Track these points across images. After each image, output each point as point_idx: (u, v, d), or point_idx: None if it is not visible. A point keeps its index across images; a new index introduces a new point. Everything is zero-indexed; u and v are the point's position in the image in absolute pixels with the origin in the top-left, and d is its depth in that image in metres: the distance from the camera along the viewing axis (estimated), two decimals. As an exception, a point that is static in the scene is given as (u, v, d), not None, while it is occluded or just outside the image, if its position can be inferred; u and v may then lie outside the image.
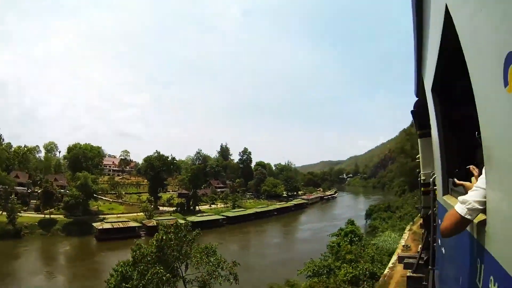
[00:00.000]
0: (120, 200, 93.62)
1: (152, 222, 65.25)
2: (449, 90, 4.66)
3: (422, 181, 10.02)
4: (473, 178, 2.89)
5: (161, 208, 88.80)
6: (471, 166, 2.92)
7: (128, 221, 69.41)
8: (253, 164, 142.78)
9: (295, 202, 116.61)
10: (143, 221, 69.96)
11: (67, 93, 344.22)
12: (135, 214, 78.28)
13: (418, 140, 10.61)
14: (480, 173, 2.57)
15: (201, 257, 24.99)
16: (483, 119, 2.09)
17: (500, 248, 1.88)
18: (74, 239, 62.43)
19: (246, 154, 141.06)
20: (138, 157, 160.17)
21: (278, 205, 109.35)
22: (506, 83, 1.46)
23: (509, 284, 1.63)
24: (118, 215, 77.00)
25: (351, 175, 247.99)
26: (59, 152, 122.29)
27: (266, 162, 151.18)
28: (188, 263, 25.54)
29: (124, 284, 21.39)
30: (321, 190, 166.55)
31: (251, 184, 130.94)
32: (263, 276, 39.47)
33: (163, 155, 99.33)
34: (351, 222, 43.52)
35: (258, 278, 39.53)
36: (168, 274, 22.35)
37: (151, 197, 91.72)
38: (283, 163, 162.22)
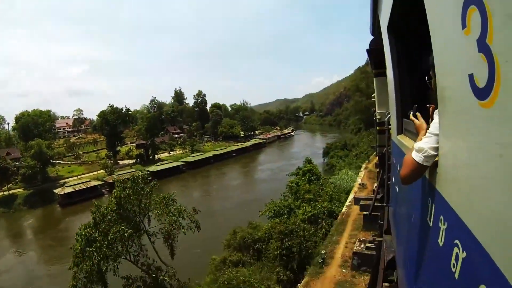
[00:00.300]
0: (79, 161, 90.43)
1: (113, 178, 63.25)
2: (405, 29, 4.57)
3: (377, 120, 10.15)
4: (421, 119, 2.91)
5: (121, 162, 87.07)
6: (432, 106, 2.83)
7: (90, 181, 67.44)
8: (208, 106, 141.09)
9: (253, 142, 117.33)
10: (105, 179, 68.28)
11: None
12: (96, 172, 76.30)
13: (374, 79, 10.70)
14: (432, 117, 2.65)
15: (161, 208, 24.90)
16: (438, 60, 2.10)
17: (450, 190, 1.99)
18: (38, 211, 60.38)
19: (201, 97, 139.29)
20: (93, 114, 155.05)
21: (236, 146, 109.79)
22: (464, 25, 1.46)
23: (457, 223, 1.73)
24: (79, 177, 74.57)
25: (307, 113, 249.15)
26: (8, 124, 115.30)
27: (221, 103, 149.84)
28: (150, 216, 25.54)
29: (88, 248, 20.69)
30: (278, 129, 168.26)
31: (208, 127, 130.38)
32: (227, 220, 40.15)
33: (117, 108, 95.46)
34: (308, 161, 44.34)
35: (222, 222, 40.36)
36: (130, 230, 22.02)
37: (109, 153, 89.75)
38: (238, 103, 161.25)
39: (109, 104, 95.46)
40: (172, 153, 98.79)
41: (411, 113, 3.13)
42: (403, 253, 4.43)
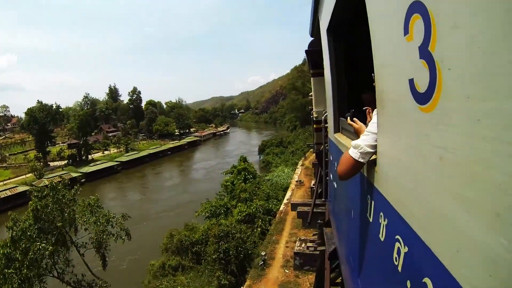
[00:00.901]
0: (4, 164, 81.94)
1: (43, 182, 57.14)
2: (345, 31, 4.72)
3: (314, 118, 10.37)
4: (357, 121, 3.01)
5: (52, 163, 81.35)
6: (368, 108, 2.98)
7: (17, 186, 61.57)
8: (143, 104, 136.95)
9: (188, 140, 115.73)
10: (34, 183, 60.27)
11: None
12: (24, 176, 69.60)
13: (311, 78, 10.98)
14: (371, 118, 2.71)
15: (86, 217, 22.69)
16: (378, 63, 2.13)
17: (388, 188, 2.06)
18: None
19: (135, 94, 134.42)
20: (22, 111, 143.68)
21: (171, 144, 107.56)
22: (406, 32, 1.50)
23: (397, 219, 1.82)
24: (5, 182, 67.29)
25: (242, 110, 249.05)
26: None
27: (156, 100, 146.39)
28: (77, 226, 22.95)
29: (6, 270, 18.07)
30: (213, 126, 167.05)
31: (143, 125, 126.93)
32: (164, 222, 38.66)
33: (46, 105, 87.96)
34: (243, 159, 43.64)
35: (159, 225, 38.73)
36: (51, 248, 19.63)
37: (39, 154, 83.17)
38: (174, 101, 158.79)
39: (38, 101, 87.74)
40: (106, 152, 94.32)
41: (349, 117, 3.16)
42: (344, 247, 4.57)
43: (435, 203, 1.37)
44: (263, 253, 21.19)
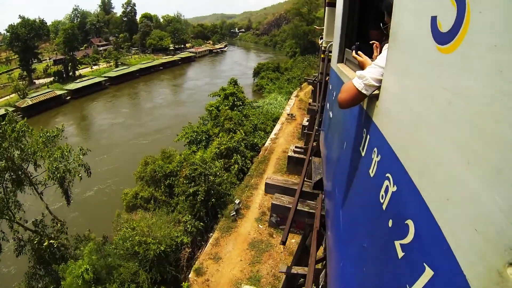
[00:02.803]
0: None
1: (27, 102, 55.73)
2: None
3: (323, 48, 10.51)
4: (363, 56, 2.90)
5: (37, 81, 76.39)
6: (375, 43, 2.91)
7: None
8: (138, 17, 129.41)
9: (182, 56, 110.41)
10: (17, 104, 57.56)
11: None
12: (8, 97, 64.76)
13: (326, 8, 10.80)
14: (379, 53, 2.71)
15: (40, 151, 19.75)
16: None
17: (387, 124, 2.06)
18: None
19: (130, 6, 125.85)
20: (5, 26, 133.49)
21: (163, 59, 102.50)
22: None
23: (391, 157, 1.83)
24: None
25: (243, 30, 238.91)
26: None
27: (153, 14, 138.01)
28: (36, 162, 20.07)
29: None
30: (211, 43, 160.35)
31: (136, 38, 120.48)
32: (140, 149, 35.97)
33: (29, 20, 79.56)
34: (234, 82, 39.83)
35: (134, 151, 36.01)
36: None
37: (23, 72, 77.29)
38: (172, 15, 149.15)
39: (19, 15, 79.60)
40: (95, 67, 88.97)
41: (354, 50, 3.02)
42: (331, 178, 4.67)
43: (435, 147, 1.37)
44: (237, 201, 18.88)
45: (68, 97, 62.94)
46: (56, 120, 50.99)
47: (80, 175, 20.05)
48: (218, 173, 20.56)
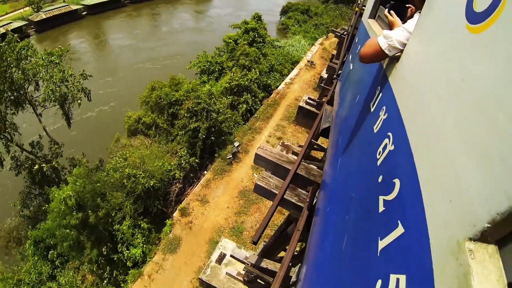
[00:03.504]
0: None
1: (40, 16, 53.64)
2: None
3: (358, 2, 10.71)
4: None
5: None
6: (411, 7, 2.95)
7: (11, 22, 54.38)
8: None
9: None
10: (30, 17, 55.55)
11: None
12: (22, 10, 61.69)
13: None
14: (411, 17, 2.61)
15: (43, 71, 19.26)
16: None
17: (401, 87, 2.12)
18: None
19: None
20: None
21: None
22: None
23: (397, 118, 1.91)
24: (1, 18, 59.36)
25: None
26: None
27: None
28: (37, 82, 19.77)
29: None
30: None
31: None
32: (151, 73, 35.13)
33: None
34: (257, 18, 37.43)
35: (144, 75, 34.95)
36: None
37: None
38: None
39: None
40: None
41: (387, 8, 3.02)
42: (338, 126, 4.96)
43: (439, 118, 1.41)
44: (236, 144, 17.93)
45: (84, 13, 60.40)
46: (68, 36, 50.06)
47: (80, 100, 20.02)
48: (221, 110, 19.53)
